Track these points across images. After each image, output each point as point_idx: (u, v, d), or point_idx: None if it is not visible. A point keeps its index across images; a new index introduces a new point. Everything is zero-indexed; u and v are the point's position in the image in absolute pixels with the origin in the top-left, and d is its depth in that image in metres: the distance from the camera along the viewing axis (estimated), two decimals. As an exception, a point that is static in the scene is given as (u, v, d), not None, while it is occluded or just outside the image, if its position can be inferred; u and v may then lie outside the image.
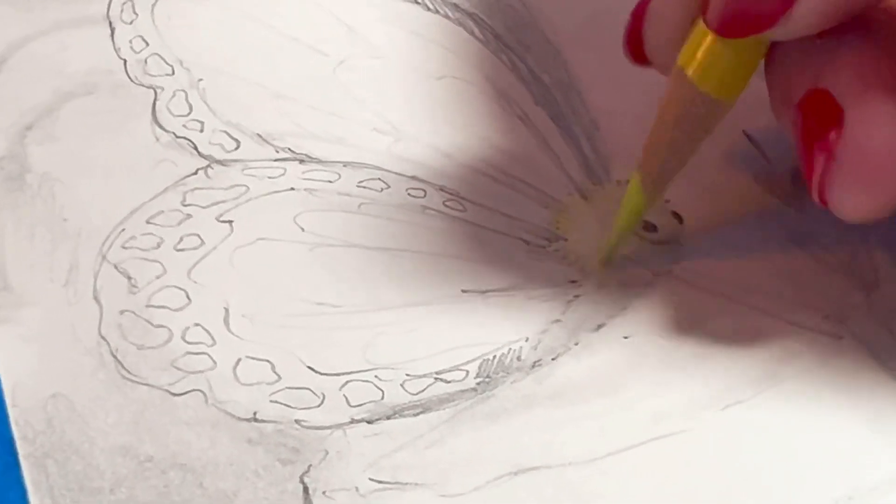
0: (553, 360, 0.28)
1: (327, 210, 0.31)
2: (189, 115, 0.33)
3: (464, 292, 0.29)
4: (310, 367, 0.28)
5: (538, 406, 0.27)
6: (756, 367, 0.28)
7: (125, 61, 0.34)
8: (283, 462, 0.26)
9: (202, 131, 0.32)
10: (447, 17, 0.36)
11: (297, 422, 0.27)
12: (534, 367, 0.28)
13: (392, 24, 0.35)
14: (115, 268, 0.29)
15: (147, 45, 0.35)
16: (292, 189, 0.31)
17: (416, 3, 0.36)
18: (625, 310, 0.29)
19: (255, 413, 0.27)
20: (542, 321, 0.29)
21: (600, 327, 0.29)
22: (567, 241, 0.31)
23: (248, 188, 0.31)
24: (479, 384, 0.28)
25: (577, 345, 0.29)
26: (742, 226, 0.31)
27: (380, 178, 0.32)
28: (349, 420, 0.27)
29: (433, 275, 0.30)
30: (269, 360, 0.28)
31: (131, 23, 0.35)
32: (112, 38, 0.35)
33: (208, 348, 0.28)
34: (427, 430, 0.27)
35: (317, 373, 0.28)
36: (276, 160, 0.32)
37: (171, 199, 0.31)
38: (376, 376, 0.28)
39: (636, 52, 0.30)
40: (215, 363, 0.28)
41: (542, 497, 0.26)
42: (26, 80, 0.33)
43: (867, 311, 0.29)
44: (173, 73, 0.34)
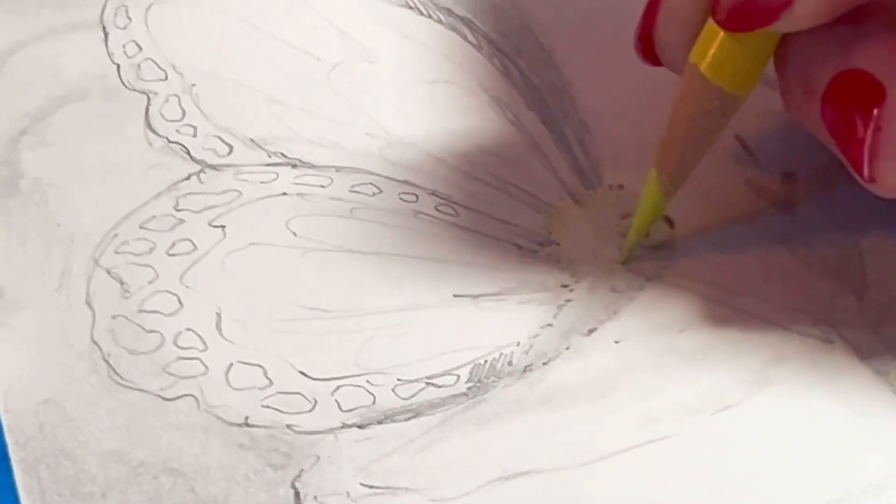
0: (544, 364, 0.28)
1: (319, 215, 0.31)
2: (182, 119, 0.33)
3: (456, 297, 0.29)
4: (301, 372, 0.28)
5: (529, 411, 0.28)
6: (746, 371, 0.28)
7: (118, 66, 0.34)
8: (274, 467, 0.26)
9: (195, 136, 0.32)
10: (440, 21, 0.36)
11: (289, 426, 0.27)
12: (525, 371, 0.28)
13: (385, 28, 0.36)
14: (108, 273, 0.29)
15: (140, 49, 0.35)
16: (284, 194, 0.31)
17: (410, 7, 0.36)
18: (616, 314, 0.29)
19: (246, 418, 0.27)
20: (534, 325, 0.29)
21: (592, 332, 0.29)
22: (559, 245, 0.31)
23: (241, 193, 0.31)
24: (470, 389, 0.28)
25: (568, 349, 0.29)
26: (733, 230, 0.31)
27: (372, 183, 0.32)
28: (340, 425, 0.27)
29: (425, 279, 0.30)
30: (260, 365, 0.28)
31: (125, 28, 0.35)
32: (105, 43, 0.35)
33: (200, 353, 0.28)
34: (418, 435, 0.27)
35: (308, 377, 0.28)
36: (268, 165, 0.32)
37: (163, 204, 0.31)
38: (368, 381, 0.28)
39: (647, 51, 0.30)
40: (207, 368, 0.28)
41: (533, 501, 0.26)
42: (20, 85, 0.33)
43: (857, 314, 0.29)
44: (166, 78, 0.34)
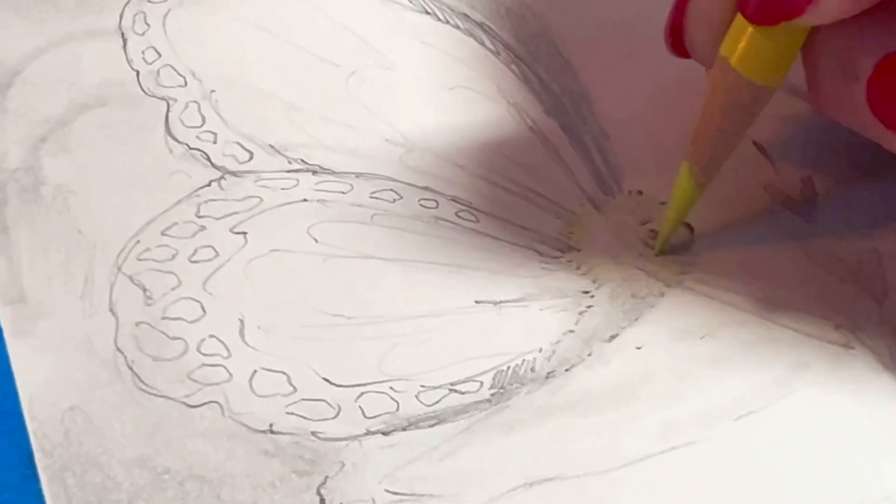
0: (567, 370, 0.28)
1: (340, 221, 0.31)
2: (202, 126, 0.33)
3: (477, 303, 0.30)
4: (325, 379, 0.28)
5: (552, 417, 0.28)
6: (768, 378, 0.28)
7: (138, 73, 0.34)
8: (299, 474, 0.26)
9: (215, 142, 0.33)
10: (458, 27, 0.36)
11: (314, 433, 0.27)
12: (548, 377, 0.28)
13: (403, 34, 0.36)
14: (131, 280, 0.30)
15: (159, 56, 0.35)
16: (305, 200, 0.31)
17: (428, 13, 0.36)
18: (637, 320, 0.29)
19: (271, 425, 0.27)
20: (556, 332, 0.29)
21: (613, 338, 0.29)
22: (580, 251, 0.31)
23: (262, 199, 0.31)
24: (493, 395, 0.28)
25: (590, 355, 0.29)
26: (752, 236, 0.31)
27: (392, 189, 0.32)
28: (365, 431, 0.27)
29: (446, 285, 0.30)
30: (284, 372, 0.28)
31: (143, 34, 0.35)
32: (124, 50, 0.35)
33: (224, 360, 0.28)
34: (442, 442, 0.27)
35: (332, 384, 0.28)
36: (288, 171, 0.32)
37: (185, 211, 0.31)
38: (391, 388, 0.28)
39: (677, 45, 0.31)
40: (231, 375, 0.28)
41: (557, 508, 0.26)
42: (40, 92, 0.34)
43: (878, 320, 0.30)
44: (186, 85, 0.34)
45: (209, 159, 0.32)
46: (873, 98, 0.28)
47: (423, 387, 0.28)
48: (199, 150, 0.32)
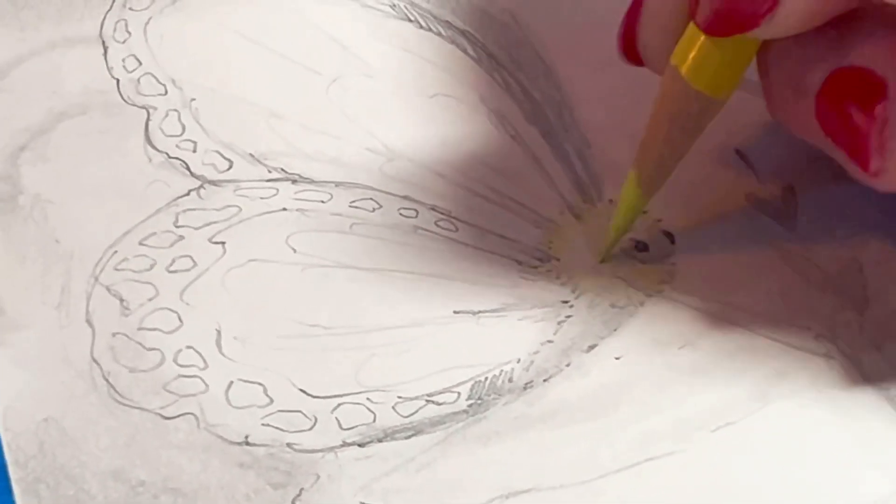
0: (545, 381, 0.28)
1: (319, 231, 0.31)
2: (182, 135, 0.33)
3: (455, 313, 0.29)
4: (301, 390, 0.28)
5: (530, 428, 0.28)
6: (747, 388, 0.28)
7: (118, 81, 0.34)
8: (274, 486, 0.26)
9: (195, 151, 0.32)
10: (440, 34, 0.36)
11: (289, 445, 0.27)
12: (525, 388, 0.28)
13: (385, 42, 0.36)
14: (108, 290, 0.29)
15: (140, 64, 0.35)
16: (284, 209, 0.31)
17: (409, 20, 0.36)
18: (616, 330, 0.29)
19: (246, 436, 0.27)
20: (534, 342, 0.29)
21: (592, 348, 0.29)
22: (559, 260, 0.31)
23: (241, 209, 0.31)
24: (470, 406, 0.28)
25: (568, 366, 0.29)
26: (733, 245, 0.31)
27: (372, 198, 0.32)
28: (341, 443, 0.27)
29: (425, 295, 0.30)
30: (261, 383, 0.28)
31: (124, 42, 0.35)
32: (105, 58, 0.35)
33: (200, 371, 0.28)
34: (419, 453, 0.27)
35: (309, 395, 0.28)
36: (268, 180, 0.32)
37: (163, 221, 0.31)
38: (368, 399, 0.28)
39: (630, 51, 0.31)
40: (207, 386, 0.28)
41: (534, 520, 0.26)
42: (19, 100, 0.33)
43: (857, 330, 0.29)
44: (166, 93, 0.34)
45: (188, 168, 0.32)
46: (821, 113, 0.28)
47: (400, 398, 0.28)
48: (178, 158, 0.32)
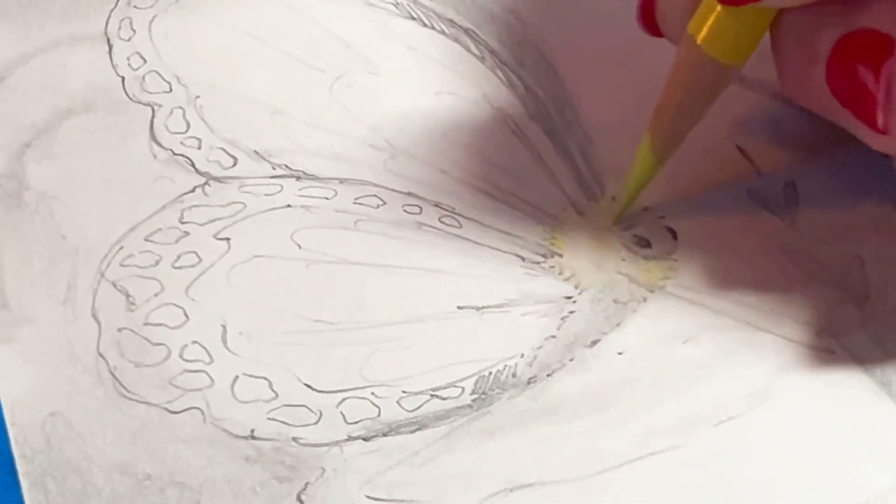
0: (548, 376, 0.28)
1: (324, 227, 0.31)
2: (187, 132, 0.33)
3: (459, 308, 0.30)
4: (307, 385, 0.28)
5: (533, 422, 0.28)
6: (749, 383, 0.28)
7: (123, 78, 0.34)
8: (280, 480, 0.26)
9: (200, 148, 0.33)
10: (443, 33, 0.36)
11: (295, 439, 0.27)
12: (529, 383, 0.28)
13: (388, 40, 0.36)
14: (114, 285, 0.30)
15: (145, 61, 0.35)
16: (289, 206, 0.31)
17: (413, 18, 0.36)
18: (619, 325, 0.30)
19: (252, 431, 0.27)
20: (538, 337, 0.29)
21: (595, 343, 0.29)
22: (562, 256, 0.31)
23: (246, 205, 0.31)
24: (474, 401, 0.28)
25: (571, 361, 0.29)
26: (735, 241, 0.31)
27: (376, 195, 0.32)
28: (346, 437, 0.27)
29: (429, 291, 0.30)
30: (266, 378, 0.28)
31: (129, 40, 0.35)
32: (110, 56, 0.35)
33: (206, 366, 0.28)
34: (423, 447, 0.27)
35: (314, 390, 0.28)
36: (272, 177, 0.32)
37: (168, 217, 0.31)
38: (373, 393, 0.28)
39: (649, 23, 0.31)
40: (213, 381, 0.28)
41: (538, 513, 0.26)
42: (25, 97, 0.34)
43: (859, 325, 0.30)
44: (171, 90, 0.34)
45: (193, 165, 0.32)
46: (832, 77, 0.28)
47: (404, 392, 0.28)
48: (183, 155, 0.32)
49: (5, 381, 0.28)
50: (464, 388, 0.28)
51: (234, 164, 0.32)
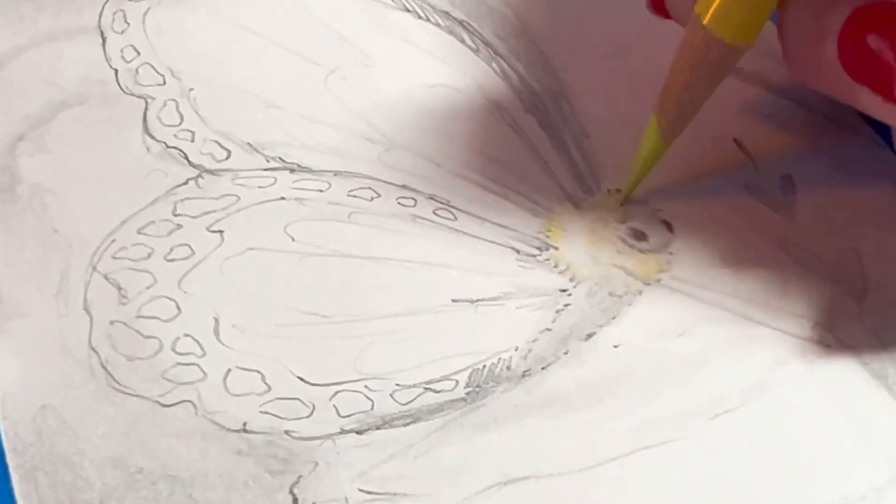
0: (543, 369, 0.28)
1: (317, 219, 0.31)
2: (180, 124, 0.33)
3: (454, 301, 0.29)
4: (300, 378, 0.28)
5: (527, 416, 0.27)
6: (745, 376, 0.28)
7: (116, 71, 0.34)
8: (272, 473, 0.26)
9: (193, 141, 0.32)
10: (438, 25, 0.36)
11: (287, 432, 0.27)
12: (523, 376, 0.28)
13: (383, 32, 0.36)
14: (106, 278, 0.29)
15: (138, 54, 0.35)
16: (282, 198, 0.31)
17: (408, 11, 0.36)
18: (615, 318, 0.29)
19: (244, 424, 0.27)
20: (532, 330, 0.29)
21: (590, 336, 0.29)
22: (558, 249, 0.31)
23: (239, 198, 0.31)
24: (468, 394, 0.28)
25: (566, 354, 0.29)
26: (732, 235, 0.31)
27: (370, 188, 0.32)
28: (339, 430, 0.27)
29: (423, 284, 0.30)
30: (258, 371, 0.28)
31: (123, 32, 0.35)
32: (104, 48, 0.35)
33: (198, 359, 0.28)
34: (417, 441, 0.27)
35: (307, 383, 0.28)
36: (266, 169, 0.32)
37: (161, 210, 0.31)
38: (366, 386, 0.28)
39: (657, 4, 0.32)
40: (205, 374, 0.28)
41: (532, 507, 0.26)
42: (19, 90, 0.33)
43: (856, 318, 0.29)
44: (164, 83, 0.34)
45: (187, 158, 0.32)
46: (844, 53, 0.28)
47: (398, 385, 0.28)
48: (176, 148, 0.32)
49: (-4, 375, 0.28)
50: (458, 381, 0.28)
51: (228, 156, 0.32)
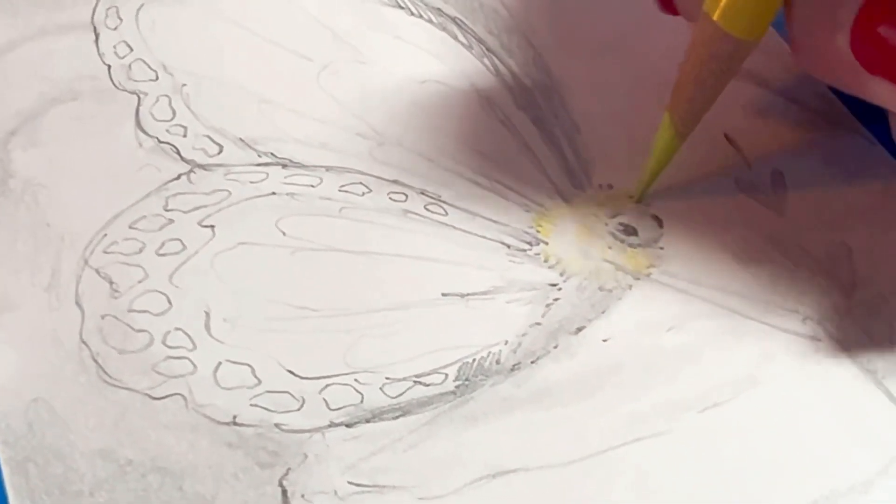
0: (532, 363, 0.28)
1: (309, 214, 0.31)
2: (172, 119, 0.33)
3: (444, 296, 0.30)
4: (290, 371, 0.28)
5: (517, 409, 0.28)
6: (734, 370, 0.28)
7: (109, 67, 0.34)
8: (262, 465, 0.26)
9: (185, 136, 0.33)
10: (431, 21, 0.36)
11: (277, 425, 0.27)
12: (513, 370, 0.28)
13: (376, 28, 0.36)
14: (97, 272, 0.29)
15: (131, 50, 0.35)
16: (274, 193, 0.31)
17: (400, 7, 0.36)
18: (604, 313, 0.29)
19: (234, 417, 0.27)
20: (522, 324, 0.29)
21: (580, 330, 0.29)
22: (548, 244, 0.31)
23: (231, 193, 0.31)
24: (458, 387, 0.28)
25: (556, 348, 0.29)
26: (722, 230, 0.31)
27: (361, 182, 0.32)
28: (328, 423, 0.27)
29: (414, 278, 0.30)
30: (249, 364, 0.28)
31: (116, 28, 0.35)
32: (96, 44, 0.35)
33: (189, 352, 0.28)
34: (406, 433, 0.27)
35: (297, 376, 0.28)
36: (258, 165, 0.32)
37: (153, 204, 0.31)
38: (356, 380, 0.28)
39: (665, 1, 0.31)
40: (196, 367, 0.28)
41: (521, 499, 0.26)
42: (11, 85, 0.34)
43: (845, 313, 0.30)
44: (157, 79, 0.34)
45: (179, 153, 0.32)
46: (857, 44, 0.28)
47: (387, 379, 0.28)
48: (168, 143, 0.32)
49: (-13, 367, 0.28)
50: (447, 374, 0.28)
51: (220, 151, 0.32)
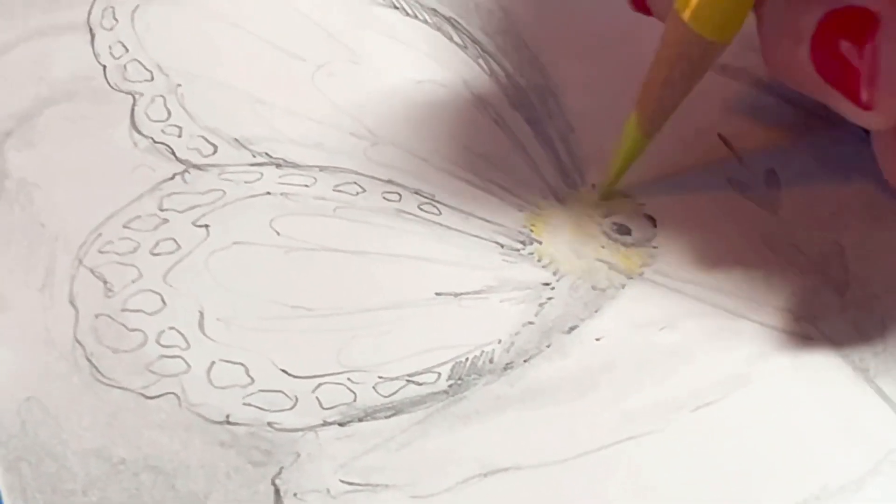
0: (525, 362, 0.28)
1: (303, 214, 0.31)
2: (167, 120, 0.33)
3: (437, 295, 0.30)
4: (283, 370, 0.28)
5: (510, 408, 0.28)
6: (727, 369, 0.28)
7: (105, 67, 0.34)
8: (254, 464, 0.26)
9: (180, 136, 0.33)
10: (425, 21, 0.36)
11: (270, 424, 0.27)
12: (506, 369, 0.28)
13: (370, 28, 0.36)
14: (92, 272, 0.30)
15: (127, 50, 0.35)
16: (268, 193, 0.31)
17: (395, 7, 0.36)
18: (597, 312, 0.29)
19: (227, 416, 0.27)
20: (515, 323, 0.29)
21: (572, 329, 0.29)
22: (541, 243, 0.31)
23: (225, 192, 0.31)
24: (451, 386, 0.28)
25: (549, 347, 0.29)
26: (715, 229, 0.31)
27: (356, 182, 0.32)
28: (321, 422, 0.27)
29: (407, 278, 0.30)
30: (242, 364, 0.28)
31: (111, 29, 0.35)
32: (92, 45, 0.35)
33: (182, 352, 0.28)
34: (399, 432, 0.27)
35: (290, 375, 0.28)
36: (252, 164, 0.32)
37: (148, 204, 0.31)
38: (349, 379, 0.28)
39: (638, 0, 0.32)
40: (189, 366, 0.28)
41: (513, 498, 0.26)
42: (7, 86, 0.34)
43: (838, 312, 0.30)
44: (152, 79, 0.34)
45: (173, 153, 0.32)
46: (816, 55, 0.28)
47: (380, 378, 0.28)
48: (163, 143, 0.32)
49: (-19, 367, 0.28)
50: (440, 373, 0.28)
51: (215, 151, 0.32)
